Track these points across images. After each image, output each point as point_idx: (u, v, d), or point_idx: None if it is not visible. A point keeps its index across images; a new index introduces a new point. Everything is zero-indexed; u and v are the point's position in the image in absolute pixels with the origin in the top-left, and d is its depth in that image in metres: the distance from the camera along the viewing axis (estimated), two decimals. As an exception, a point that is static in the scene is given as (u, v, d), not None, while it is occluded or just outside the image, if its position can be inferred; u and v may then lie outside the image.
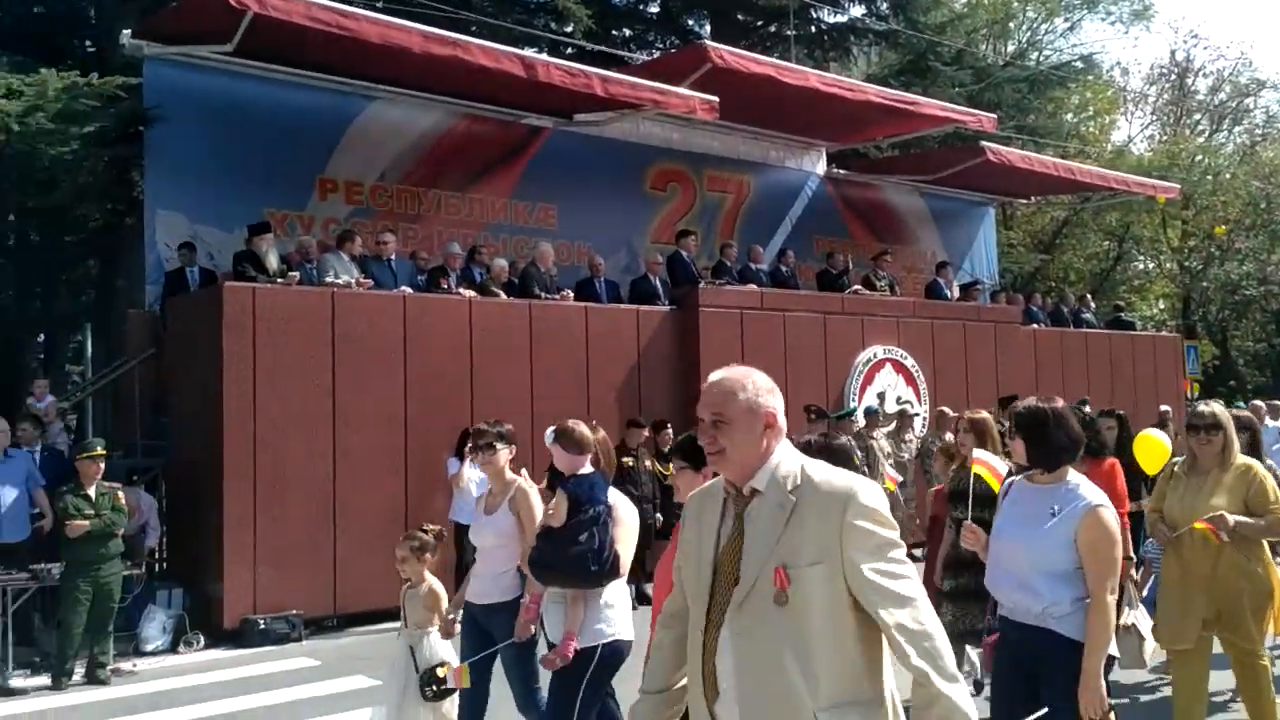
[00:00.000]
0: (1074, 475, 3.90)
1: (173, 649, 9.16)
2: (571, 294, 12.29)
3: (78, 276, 15.68)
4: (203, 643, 9.25)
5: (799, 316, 13.43)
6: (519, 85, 12.22)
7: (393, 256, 11.54)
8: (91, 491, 8.28)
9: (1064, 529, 3.76)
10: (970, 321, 15.26)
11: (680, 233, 14.37)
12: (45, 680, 8.14)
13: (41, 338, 16.27)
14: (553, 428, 4.86)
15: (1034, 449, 3.90)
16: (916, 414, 13.94)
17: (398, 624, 5.53)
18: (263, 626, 9.31)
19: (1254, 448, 5.46)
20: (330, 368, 10.04)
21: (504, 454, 5.16)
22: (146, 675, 8.41)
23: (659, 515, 10.66)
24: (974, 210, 20.01)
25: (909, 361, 14.40)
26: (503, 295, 11.71)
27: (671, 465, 4.40)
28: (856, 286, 14.89)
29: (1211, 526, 4.86)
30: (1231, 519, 4.85)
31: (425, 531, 5.50)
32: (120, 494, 8.53)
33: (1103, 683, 3.67)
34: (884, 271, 15.71)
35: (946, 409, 13.88)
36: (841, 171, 18.23)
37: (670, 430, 10.91)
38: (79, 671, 8.22)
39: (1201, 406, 5.29)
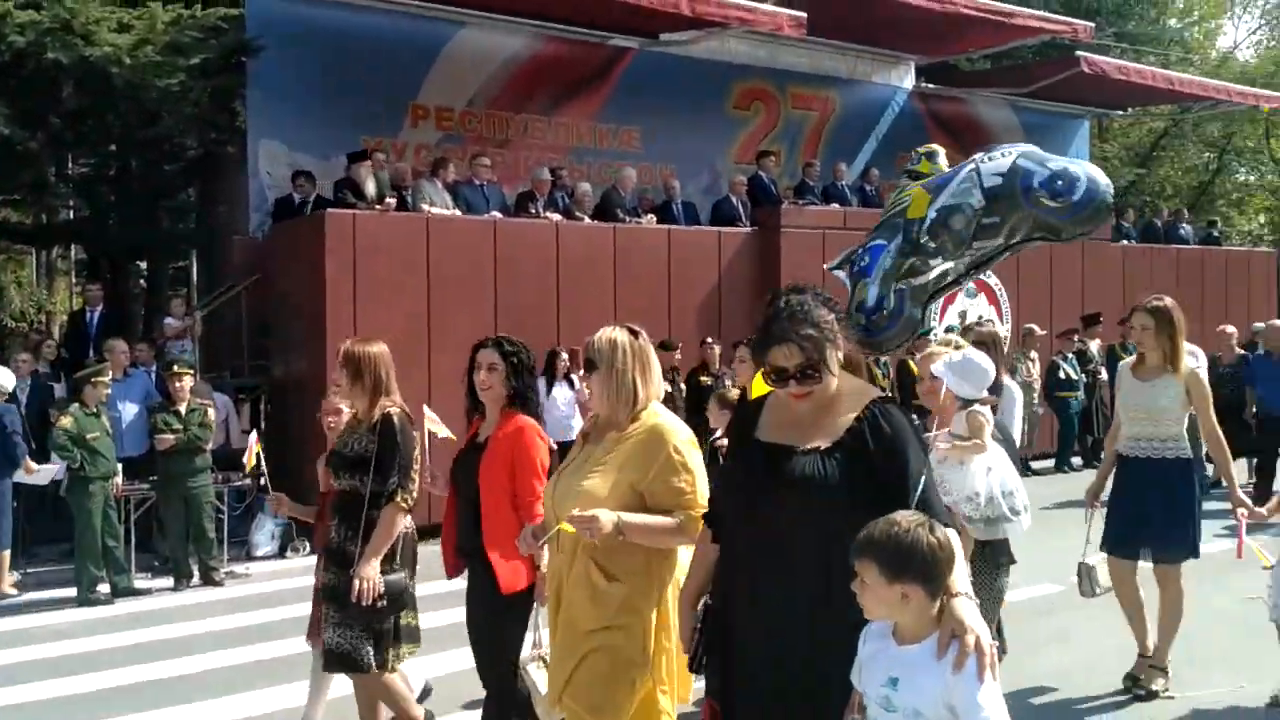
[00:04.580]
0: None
1: (280, 554, 9.80)
2: (654, 217, 12.47)
3: (177, 204, 16.25)
4: (308, 549, 9.76)
5: (883, 236, 13.37)
6: (605, 6, 12.28)
7: (486, 181, 11.81)
8: (182, 408, 8.81)
9: None
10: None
11: (761, 153, 14.36)
12: (167, 582, 8.82)
13: (144, 264, 16.94)
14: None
15: None
16: (1005, 336, 13.89)
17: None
18: (364, 535, 9.86)
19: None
20: (425, 291, 10.42)
21: None
22: (258, 578, 9.03)
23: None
24: (1067, 123, 19.49)
25: (992, 280, 14.29)
26: (587, 219, 11.93)
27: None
28: (941, 205, 14.73)
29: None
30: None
31: None
32: (210, 411, 9.05)
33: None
34: (971, 189, 15.48)
35: (1035, 326, 13.89)
36: (930, 86, 17.89)
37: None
38: (198, 574, 8.86)
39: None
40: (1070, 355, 13.91)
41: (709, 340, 11.53)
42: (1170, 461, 5.25)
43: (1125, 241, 16.50)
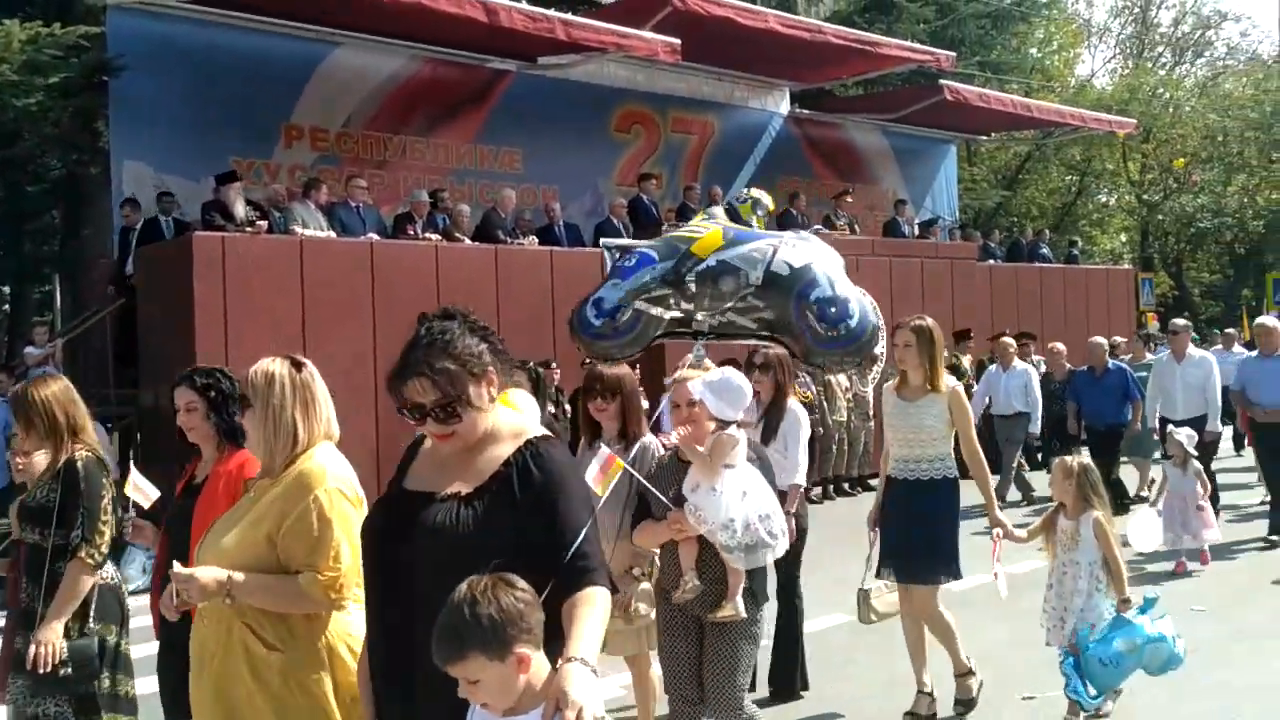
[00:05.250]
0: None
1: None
2: (536, 239, 12.51)
3: (41, 226, 15.65)
4: (184, 582, 9.53)
5: (760, 257, 13.67)
6: (481, 29, 12.27)
7: (362, 203, 11.69)
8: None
9: None
10: (927, 259, 15.59)
11: (642, 176, 14.57)
12: (32, 621, 8.44)
13: (6, 288, 16.28)
14: None
15: None
16: (882, 353, 14.32)
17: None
18: (239, 566, 9.61)
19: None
20: (300, 315, 10.25)
21: None
22: (132, 612, 8.68)
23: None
24: (936, 148, 20.26)
25: (867, 299, 14.69)
26: (467, 240, 11.91)
27: None
28: (817, 226, 15.15)
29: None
30: None
31: None
32: None
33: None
34: (844, 211, 15.99)
35: (905, 345, 14.32)
36: (805, 111, 18.38)
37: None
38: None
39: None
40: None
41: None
42: (937, 482, 5.13)
43: (991, 261, 17.23)
